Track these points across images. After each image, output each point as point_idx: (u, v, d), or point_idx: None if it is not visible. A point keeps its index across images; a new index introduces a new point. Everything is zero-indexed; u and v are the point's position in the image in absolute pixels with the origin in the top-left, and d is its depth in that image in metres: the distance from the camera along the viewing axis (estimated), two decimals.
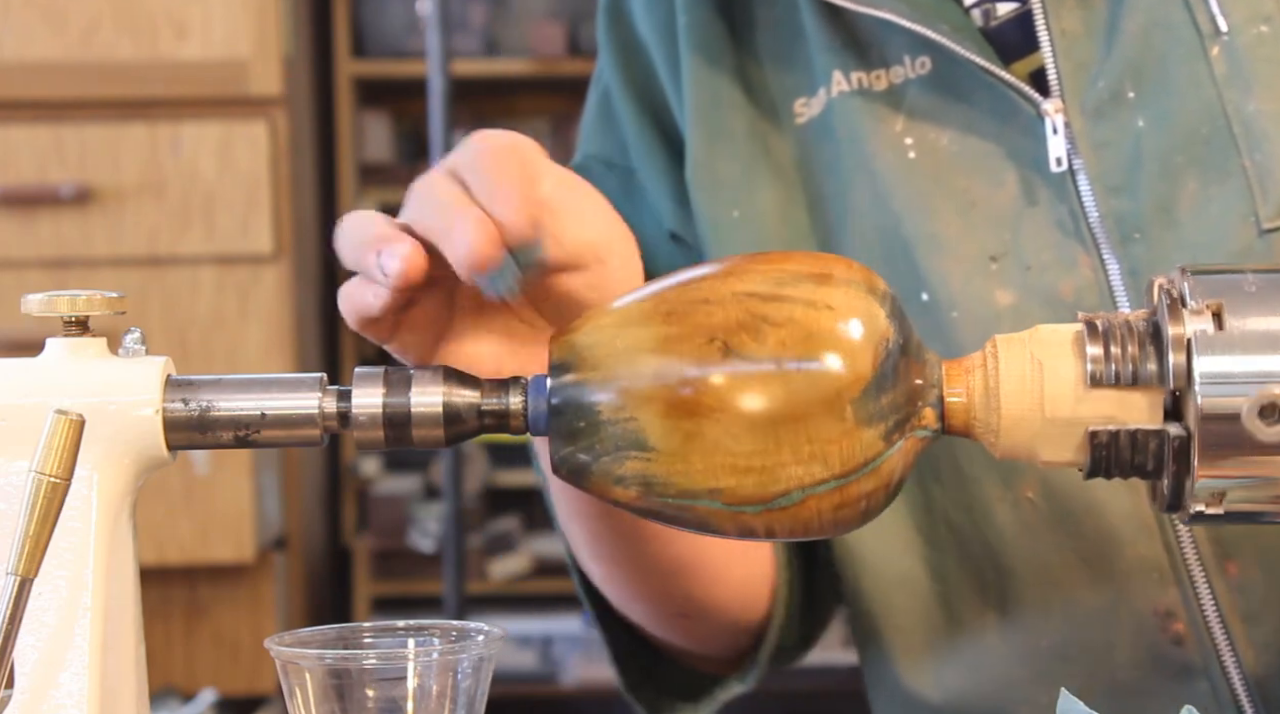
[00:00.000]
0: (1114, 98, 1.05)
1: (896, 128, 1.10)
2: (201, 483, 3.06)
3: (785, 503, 0.79)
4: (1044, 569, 1.07)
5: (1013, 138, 1.07)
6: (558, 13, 4.14)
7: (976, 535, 1.08)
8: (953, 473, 1.08)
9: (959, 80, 1.08)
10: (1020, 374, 0.81)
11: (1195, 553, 1.03)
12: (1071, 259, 1.05)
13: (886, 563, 1.11)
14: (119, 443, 0.80)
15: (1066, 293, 1.04)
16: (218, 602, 3.17)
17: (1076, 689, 1.06)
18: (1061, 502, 1.05)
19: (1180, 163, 1.03)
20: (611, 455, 0.79)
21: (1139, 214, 1.04)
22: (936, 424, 0.81)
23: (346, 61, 3.99)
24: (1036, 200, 1.06)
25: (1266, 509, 0.81)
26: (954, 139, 1.09)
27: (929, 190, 1.08)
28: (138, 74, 3.09)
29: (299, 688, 0.81)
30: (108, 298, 0.81)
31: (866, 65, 1.11)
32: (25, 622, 0.76)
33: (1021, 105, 1.06)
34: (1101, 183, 1.05)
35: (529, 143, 0.87)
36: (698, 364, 0.79)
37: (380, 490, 3.97)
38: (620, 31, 1.19)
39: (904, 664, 1.13)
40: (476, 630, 0.84)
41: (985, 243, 1.07)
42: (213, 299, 3.10)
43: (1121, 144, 1.05)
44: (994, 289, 1.06)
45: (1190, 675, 1.05)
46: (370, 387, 0.81)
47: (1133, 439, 0.79)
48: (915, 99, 1.09)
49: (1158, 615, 1.05)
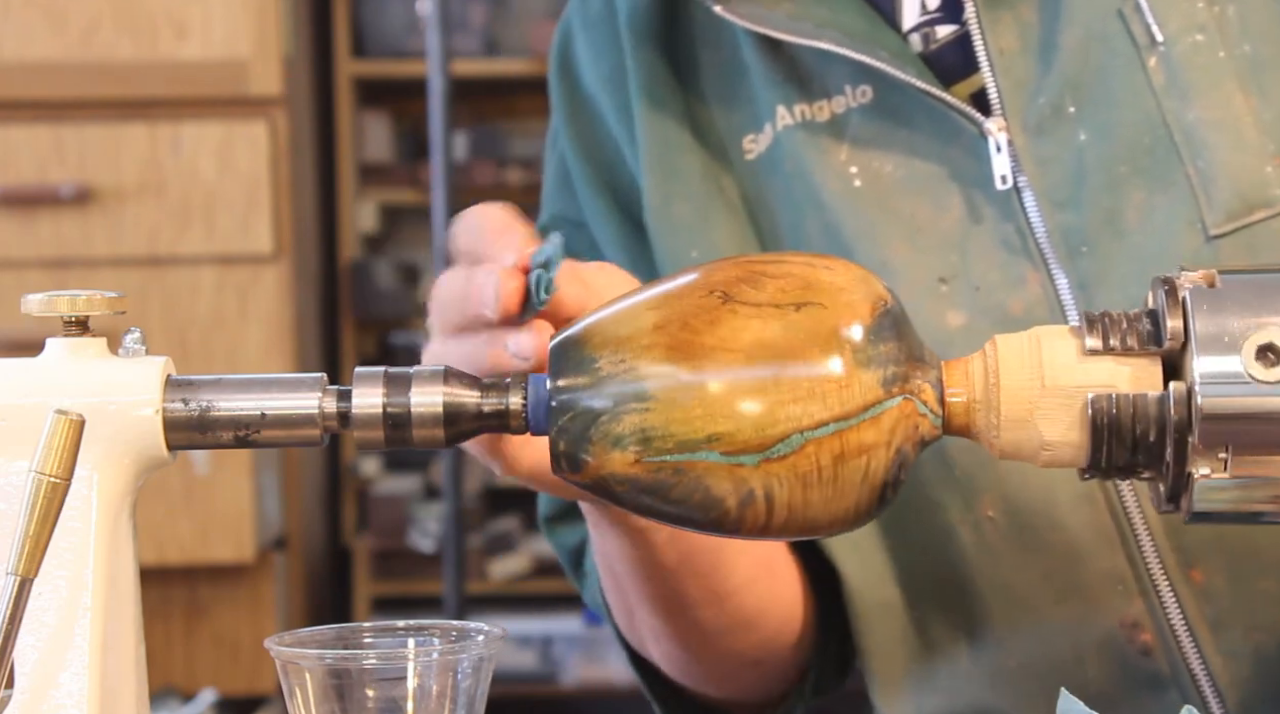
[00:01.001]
0: (1055, 113, 1.06)
1: (841, 157, 1.10)
2: (201, 483, 3.06)
3: (784, 450, 0.78)
4: (1009, 588, 1.07)
5: (957, 159, 1.07)
6: (558, 13, 4.13)
7: (943, 559, 1.08)
8: (918, 498, 1.08)
9: (900, 106, 1.08)
10: (1019, 351, 0.81)
11: (1159, 563, 1.03)
12: (1020, 276, 1.05)
13: (868, 589, 1.11)
14: (119, 443, 0.80)
15: (1016, 310, 1.05)
16: (218, 602, 3.17)
17: (1047, 706, 1.06)
18: (1023, 519, 1.06)
19: (1124, 173, 1.04)
20: (610, 413, 0.79)
21: (1085, 227, 1.04)
22: (939, 409, 0.81)
23: (346, 61, 3.99)
24: (982, 219, 1.07)
25: (1266, 509, 0.81)
26: (898, 165, 1.09)
27: (876, 218, 1.09)
28: (138, 74, 3.09)
29: (299, 688, 0.81)
30: (108, 298, 0.81)
31: (809, 97, 1.11)
32: (25, 622, 0.76)
33: (964, 126, 1.06)
34: (1047, 198, 1.05)
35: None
36: (696, 310, 0.80)
37: (380, 490, 3.97)
38: (569, 87, 1.20)
39: (884, 692, 1.13)
40: (476, 630, 0.84)
41: (934, 266, 1.07)
42: (213, 299, 3.10)
43: (1065, 158, 1.05)
44: (945, 311, 1.06)
45: (1160, 685, 1.05)
46: (370, 387, 0.81)
47: (1133, 405, 0.79)
48: (858, 127, 1.10)
49: (1125, 627, 1.05)
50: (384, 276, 4.03)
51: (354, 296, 4.00)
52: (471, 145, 4.09)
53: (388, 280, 4.03)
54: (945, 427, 0.82)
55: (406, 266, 4.12)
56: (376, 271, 4.02)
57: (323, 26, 3.97)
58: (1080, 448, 0.81)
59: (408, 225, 4.26)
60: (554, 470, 0.81)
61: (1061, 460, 0.82)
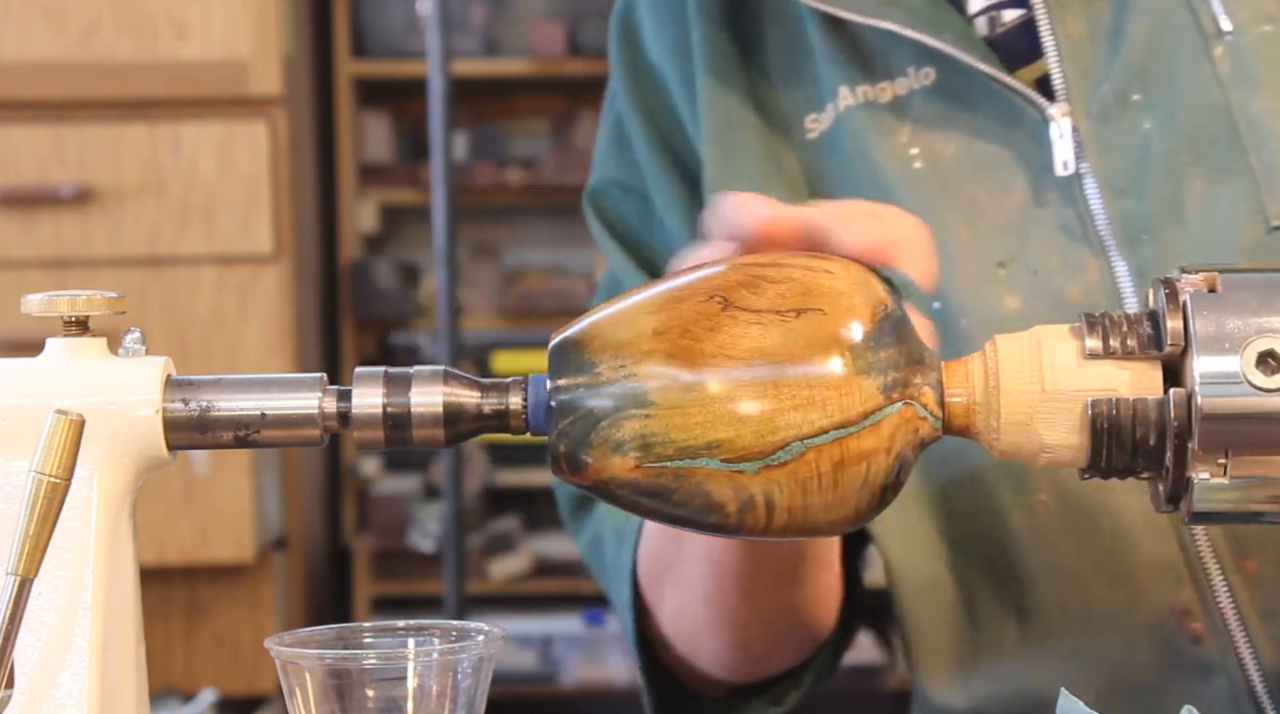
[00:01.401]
0: (1119, 100, 1.06)
1: (902, 139, 1.10)
2: (201, 483, 3.06)
3: (785, 457, 0.78)
4: (1060, 572, 1.07)
5: (1019, 144, 1.07)
6: (558, 13, 4.14)
7: (994, 541, 1.08)
8: (969, 480, 1.08)
9: (964, 89, 1.08)
10: (1019, 354, 0.81)
11: (1211, 551, 1.04)
12: (1079, 262, 1.05)
13: (916, 570, 1.12)
14: (119, 443, 0.80)
15: (1075, 296, 1.05)
16: (218, 602, 3.17)
17: (1096, 689, 1.06)
18: (1075, 504, 1.05)
19: (1186, 163, 1.04)
20: (610, 418, 0.79)
21: (1146, 215, 1.04)
22: (939, 411, 0.81)
23: (346, 61, 3.99)
24: (1043, 204, 1.07)
25: (1266, 509, 0.81)
26: (960, 147, 1.09)
27: (936, 200, 1.09)
28: (138, 74, 3.09)
29: (299, 688, 0.81)
30: (108, 298, 0.81)
31: (871, 78, 1.11)
32: (25, 622, 0.76)
33: (1027, 111, 1.06)
34: (1109, 185, 1.05)
35: None
36: (696, 316, 0.80)
37: (380, 490, 3.97)
38: (631, 54, 1.20)
39: (931, 672, 1.14)
40: (476, 630, 0.84)
41: (993, 250, 1.07)
42: (213, 299, 3.10)
43: (1128, 146, 1.05)
44: (1002, 295, 1.06)
45: (1209, 673, 1.05)
46: (370, 387, 0.81)
47: (1133, 409, 0.79)
48: (920, 109, 1.10)
49: (1175, 614, 1.05)
50: (384, 276, 4.03)
51: (354, 296, 4.00)
52: (471, 145, 4.09)
53: (388, 280, 4.03)
54: (945, 427, 0.82)
55: (406, 266, 4.12)
56: (376, 271, 4.02)
57: (323, 26, 3.97)
58: (1080, 450, 0.81)
59: (408, 225, 4.26)
60: (554, 472, 0.81)
61: (1061, 462, 0.82)
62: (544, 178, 4.04)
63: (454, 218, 2.93)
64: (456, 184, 3.06)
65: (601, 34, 4.01)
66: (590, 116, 4.10)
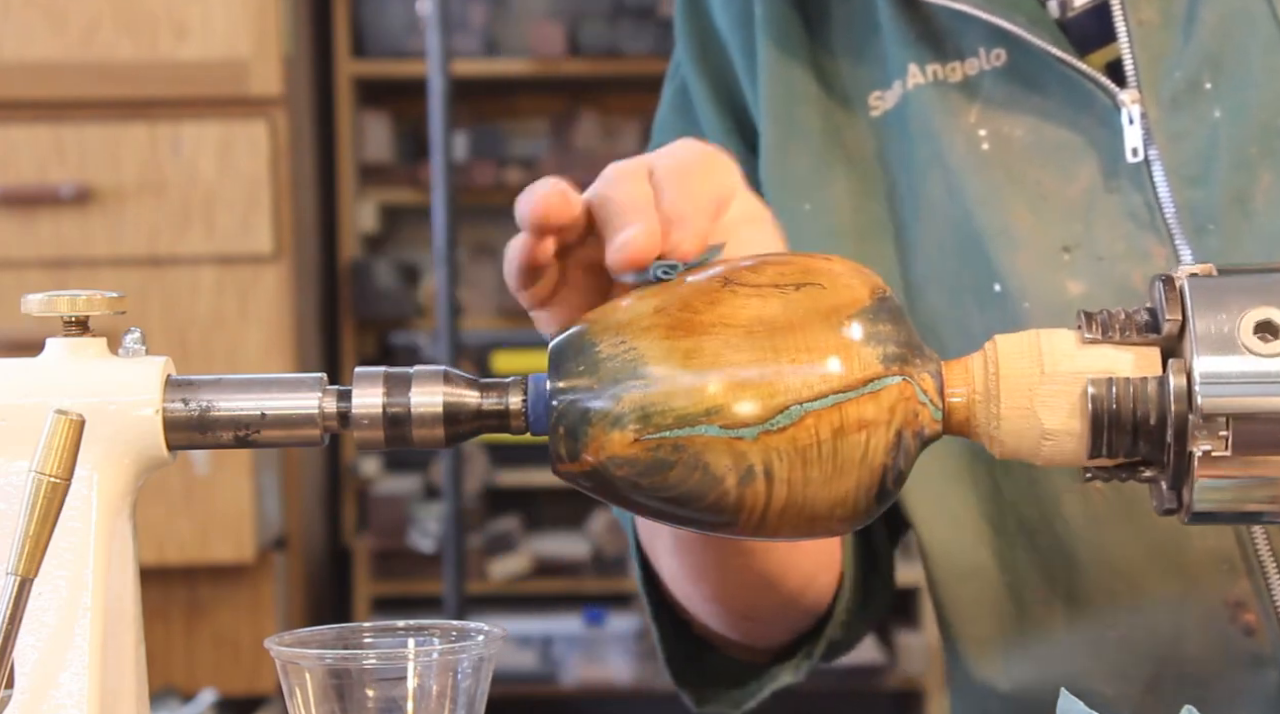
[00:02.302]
0: (1191, 88, 1.05)
1: (970, 120, 1.10)
2: (201, 483, 3.06)
3: (784, 421, 0.78)
4: (1112, 561, 1.07)
5: (1088, 129, 1.07)
6: (558, 13, 4.14)
7: (1045, 527, 1.08)
8: (1022, 465, 1.08)
9: (1034, 72, 1.08)
10: (1019, 344, 0.82)
11: (1267, 544, 1.03)
12: (1145, 250, 1.05)
13: (958, 554, 1.12)
14: (119, 443, 0.80)
15: (1139, 283, 1.05)
16: (218, 602, 3.17)
17: (1144, 679, 1.06)
18: (1130, 493, 1.05)
19: (1255, 154, 1.04)
20: (610, 394, 0.79)
21: (1213, 205, 1.04)
22: (939, 401, 0.81)
23: (346, 61, 3.99)
24: (1110, 191, 1.06)
25: (1266, 509, 0.81)
26: (1028, 130, 1.09)
27: (1002, 182, 1.09)
28: (138, 74, 3.09)
29: (299, 688, 0.81)
30: (108, 298, 0.81)
31: (942, 58, 1.11)
32: (25, 622, 0.76)
33: (1098, 96, 1.06)
34: (1177, 174, 1.05)
35: (728, 163, 0.92)
36: (696, 292, 0.81)
37: (380, 490, 3.97)
38: (698, 23, 1.20)
39: (974, 654, 1.14)
40: (476, 630, 0.84)
41: (1058, 234, 1.07)
42: (213, 299, 3.10)
43: (1198, 135, 1.05)
44: (1066, 280, 1.06)
45: (1260, 665, 1.05)
46: (370, 387, 0.81)
47: (1132, 387, 0.79)
48: (990, 91, 1.10)
49: (1228, 606, 1.05)
50: (384, 276, 4.03)
51: (354, 296, 4.00)
52: (471, 145, 4.09)
53: (388, 280, 4.03)
54: (945, 423, 0.82)
55: (406, 266, 4.12)
56: (376, 271, 4.03)
57: (323, 26, 3.97)
58: (1080, 437, 0.81)
59: (408, 225, 4.26)
60: (554, 463, 0.81)
61: (1062, 452, 0.82)
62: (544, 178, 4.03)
63: (454, 218, 2.93)
64: (456, 184, 3.06)
65: (602, 34, 4.01)
66: (590, 116, 4.11)
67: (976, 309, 1.08)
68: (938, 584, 1.14)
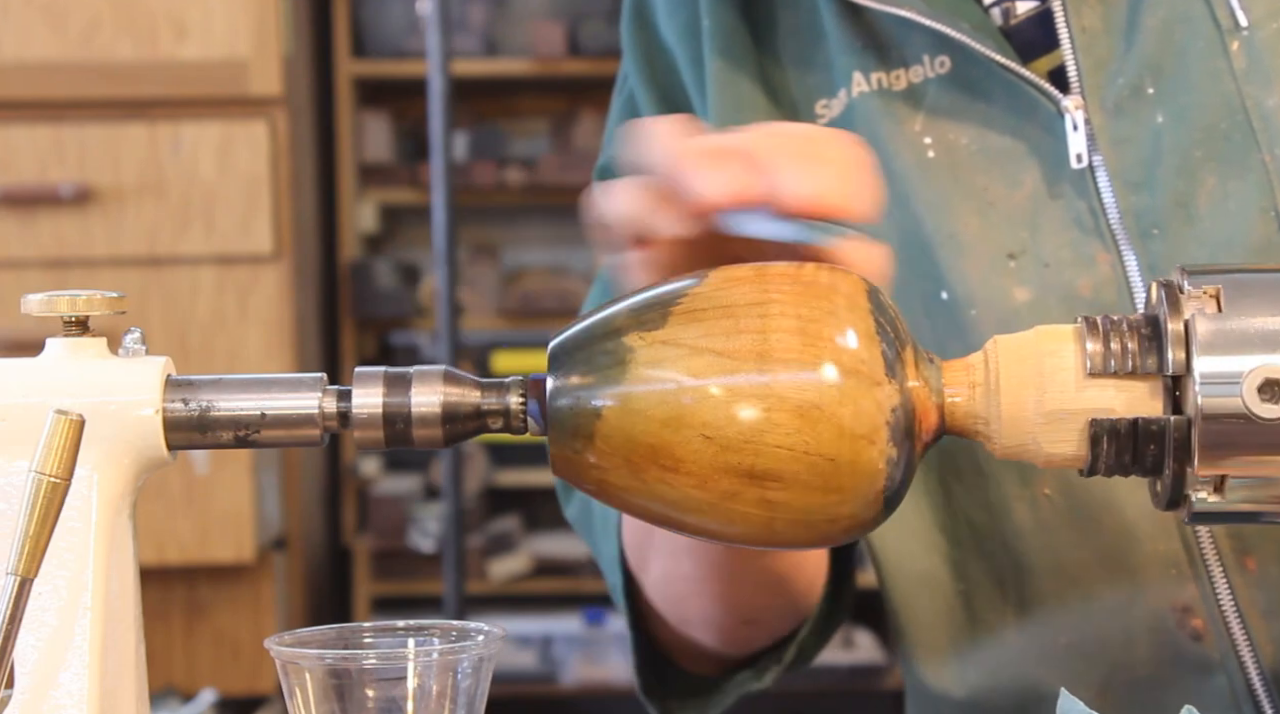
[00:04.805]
0: (1134, 94, 1.06)
1: (915, 127, 1.10)
2: (201, 483, 3.06)
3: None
4: (1062, 566, 1.07)
5: (1032, 135, 1.07)
6: (558, 13, 4.14)
7: (995, 533, 1.09)
8: (972, 472, 1.08)
9: (978, 79, 1.08)
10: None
11: (1214, 549, 1.04)
12: (1090, 256, 1.05)
13: (910, 561, 1.12)
14: (119, 443, 0.80)
15: (1085, 290, 1.05)
16: (218, 602, 3.17)
17: (1095, 685, 1.06)
18: (1079, 498, 1.06)
19: (1199, 158, 1.04)
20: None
21: (1158, 210, 1.04)
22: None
23: (346, 61, 3.99)
24: (1055, 197, 1.07)
25: (1266, 509, 0.81)
26: (973, 138, 1.09)
27: (948, 189, 1.09)
28: (138, 74, 3.09)
29: (299, 688, 0.81)
30: (108, 298, 0.81)
31: (886, 65, 1.11)
32: (25, 622, 0.76)
33: (1041, 103, 1.06)
34: (1121, 179, 1.05)
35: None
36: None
37: (380, 490, 3.97)
38: (644, 35, 1.20)
39: (927, 661, 1.14)
40: (476, 630, 0.84)
41: (1004, 241, 1.07)
42: (213, 299, 3.10)
43: (1141, 140, 1.05)
44: (1012, 287, 1.06)
45: (1208, 671, 1.05)
46: (370, 387, 0.81)
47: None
48: (935, 98, 1.10)
49: (1176, 611, 1.05)
50: (384, 276, 4.03)
51: (354, 296, 4.00)
52: (471, 145, 4.09)
53: (388, 280, 4.03)
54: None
55: (406, 266, 4.12)
56: (376, 271, 4.03)
57: (323, 26, 3.97)
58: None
59: (408, 225, 4.26)
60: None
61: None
62: (544, 178, 4.04)
63: (454, 218, 2.93)
64: (456, 184, 3.06)
65: (602, 34, 4.01)
66: (590, 116, 4.11)
67: (924, 316, 1.08)
68: (890, 591, 1.13)
